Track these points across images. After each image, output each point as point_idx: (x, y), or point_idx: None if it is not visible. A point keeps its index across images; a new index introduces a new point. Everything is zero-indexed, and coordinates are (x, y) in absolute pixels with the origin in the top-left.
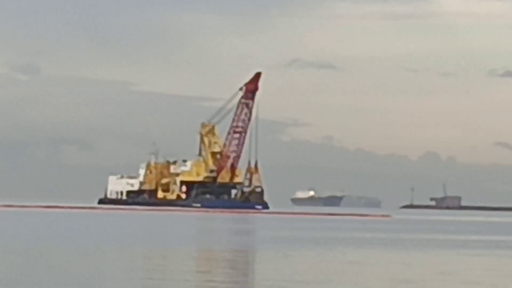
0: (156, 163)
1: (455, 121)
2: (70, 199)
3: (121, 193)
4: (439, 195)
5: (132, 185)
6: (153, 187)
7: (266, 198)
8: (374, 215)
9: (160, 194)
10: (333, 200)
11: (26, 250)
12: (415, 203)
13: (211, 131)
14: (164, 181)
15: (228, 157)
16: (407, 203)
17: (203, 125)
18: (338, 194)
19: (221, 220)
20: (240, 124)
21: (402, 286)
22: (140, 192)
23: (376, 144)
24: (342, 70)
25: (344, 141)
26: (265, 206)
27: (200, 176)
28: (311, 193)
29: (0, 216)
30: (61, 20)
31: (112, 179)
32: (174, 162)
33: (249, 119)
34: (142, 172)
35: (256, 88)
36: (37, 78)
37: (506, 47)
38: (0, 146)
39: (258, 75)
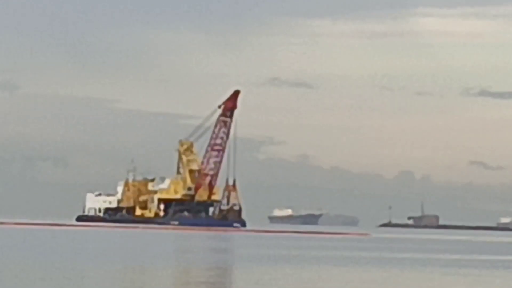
0: (134, 180)
1: (430, 140)
2: (47, 216)
3: (99, 210)
4: (417, 214)
5: (110, 202)
6: (131, 204)
7: (243, 216)
8: (353, 234)
9: (138, 212)
10: (311, 219)
11: (1, 268)
12: (393, 221)
13: (189, 149)
14: (142, 198)
15: (206, 175)
16: (385, 221)
17: (181, 143)
18: (316, 212)
19: (198, 238)
20: (218, 141)
21: None
22: (118, 209)
23: (351, 162)
24: (318, 88)
25: (319, 160)
26: (243, 224)
27: (178, 193)
28: (289, 211)
29: None
30: (40, 37)
31: (90, 196)
32: (152, 180)
33: (227, 137)
34: (120, 189)
35: (234, 106)
36: (15, 94)
37: (481, 66)
38: None
39: (236, 93)
